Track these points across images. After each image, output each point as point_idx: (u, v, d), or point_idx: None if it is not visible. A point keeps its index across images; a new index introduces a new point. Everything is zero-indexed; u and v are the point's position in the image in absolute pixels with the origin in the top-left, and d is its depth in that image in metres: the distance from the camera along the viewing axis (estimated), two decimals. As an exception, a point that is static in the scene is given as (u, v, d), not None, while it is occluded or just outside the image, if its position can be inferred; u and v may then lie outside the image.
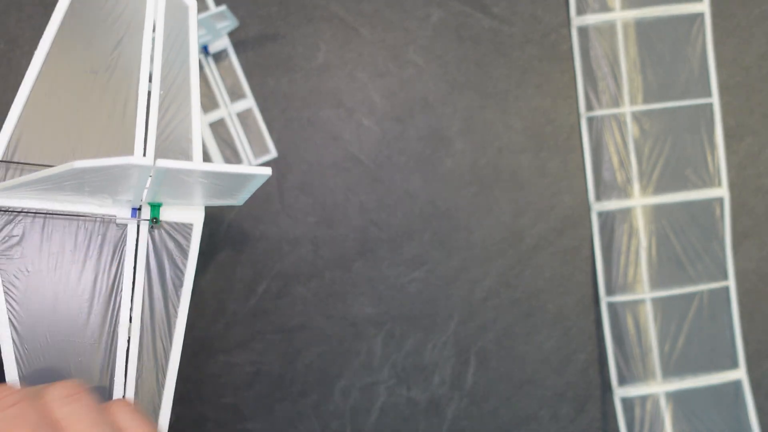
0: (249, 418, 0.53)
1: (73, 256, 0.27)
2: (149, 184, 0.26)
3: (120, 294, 0.27)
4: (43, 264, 0.26)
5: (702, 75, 0.52)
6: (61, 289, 0.27)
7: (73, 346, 0.26)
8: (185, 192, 0.27)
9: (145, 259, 0.28)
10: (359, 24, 0.52)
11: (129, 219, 0.28)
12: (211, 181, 0.25)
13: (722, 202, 0.52)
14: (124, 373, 0.26)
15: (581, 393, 0.53)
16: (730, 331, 0.52)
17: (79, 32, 0.30)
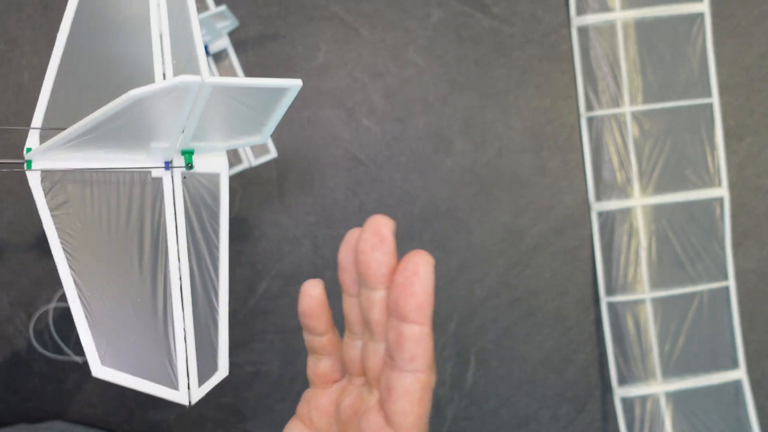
0: (249, 418, 0.53)
1: (117, 210, 0.29)
2: (187, 123, 0.27)
3: (166, 242, 0.29)
4: (92, 218, 0.28)
5: (702, 75, 0.52)
6: (112, 240, 0.28)
7: (130, 290, 0.28)
8: (218, 126, 0.28)
9: (183, 208, 0.30)
10: (359, 24, 0.52)
11: (163, 171, 0.29)
12: (246, 102, 0.27)
13: (722, 202, 0.52)
14: (182, 315, 0.28)
15: (581, 393, 0.53)
16: (730, 331, 0.52)
17: (92, 19, 0.32)
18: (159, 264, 0.29)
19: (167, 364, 0.27)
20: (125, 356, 0.27)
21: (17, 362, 0.51)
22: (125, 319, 0.28)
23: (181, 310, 0.28)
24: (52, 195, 0.28)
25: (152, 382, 0.27)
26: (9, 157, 0.28)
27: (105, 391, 0.52)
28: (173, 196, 0.29)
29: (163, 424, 0.53)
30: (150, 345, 0.28)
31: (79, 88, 0.31)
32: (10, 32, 0.52)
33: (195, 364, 0.28)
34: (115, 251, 0.28)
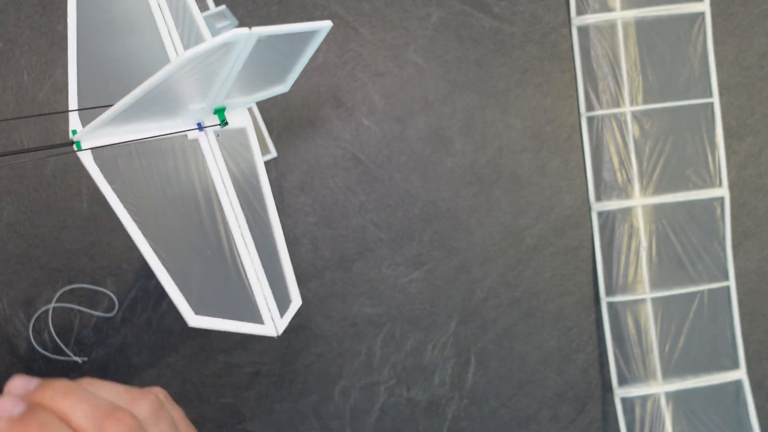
0: (249, 418, 0.53)
1: (167, 175, 0.30)
2: (226, 79, 0.28)
3: (217, 195, 0.31)
4: (146, 186, 0.30)
5: (702, 75, 0.52)
6: (169, 203, 0.30)
7: (198, 245, 0.30)
8: (248, 79, 0.30)
9: (224, 162, 0.32)
10: (359, 24, 0.52)
11: (198, 133, 0.31)
12: (281, 49, 0.29)
13: (723, 202, 0.52)
14: (249, 257, 0.30)
15: (581, 393, 0.53)
16: (730, 331, 0.52)
17: (97, 8, 0.34)
18: (217, 216, 0.30)
19: (248, 303, 0.29)
20: (210, 304, 0.28)
21: (17, 362, 0.51)
22: (201, 271, 0.30)
23: (248, 253, 0.30)
24: (106, 171, 0.29)
25: (241, 322, 0.29)
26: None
27: None
28: (213, 154, 0.31)
29: (163, 424, 0.53)
30: (229, 289, 0.30)
31: (98, 70, 0.33)
32: (9, 32, 0.52)
33: (272, 298, 0.30)
34: (175, 212, 0.30)
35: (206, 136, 0.32)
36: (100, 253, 0.51)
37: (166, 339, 0.52)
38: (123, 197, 0.29)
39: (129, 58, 0.34)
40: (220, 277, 0.30)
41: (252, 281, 0.30)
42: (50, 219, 0.51)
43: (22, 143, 0.51)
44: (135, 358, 0.52)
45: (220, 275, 0.30)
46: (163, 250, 0.28)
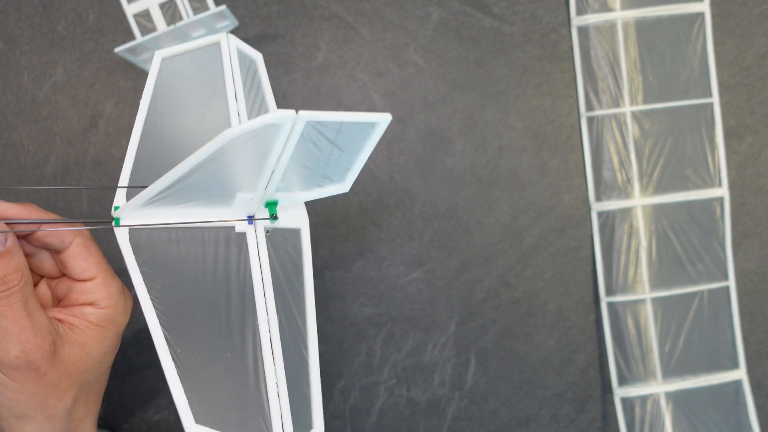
0: (249, 418, 0.53)
1: (204, 266, 0.29)
2: (276, 166, 0.27)
3: (253, 297, 0.29)
4: (179, 275, 0.28)
5: (702, 75, 0.52)
6: (198, 296, 0.28)
7: (220, 346, 0.28)
8: (302, 173, 0.29)
9: (268, 262, 0.30)
10: (359, 24, 0.52)
11: (246, 225, 0.30)
12: (333, 141, 0.27)
13: (722, 202, 0.52)
14: (274, 371, 0.28)
15: (581, 393, 0.53)
16: (730, 331, 0.52)
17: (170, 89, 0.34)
18: (247, 319, 0.28)
19: (261, 421, 0.27)
20: (218, 414, 0.26)
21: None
22: (216, 375, 0.27)
23: (273, 367, 0.28)
24: (140, 252, 0.28)
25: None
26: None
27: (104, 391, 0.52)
28: (258, 250, 0.29)
29: (163, 424, 0.53)
30: (242, 402, 0.27)
31: (158, 152, 0.32)
32: (9, 32, 0.52)
33: (290, 423, 0.27)
34: (202, 307, 0.28)
35: (254, 231, 0.30)
36: (100, 253, 0.51)
37: (166, 339, 0.52)
38: (151, 282, 0.27)
39: (195, 142, 0.32)
40: (235, 387, 0.27)
41: (271, 399, 0.27)
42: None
43: (21, 143, 0.51)
44: (135, 358, 0.52)
45: (236, 385, 0.27)
46: (180, 344, 0.27)
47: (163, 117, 0.33)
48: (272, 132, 0.24)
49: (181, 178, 0.26)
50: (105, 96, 0.52)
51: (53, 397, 0.29)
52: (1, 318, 0.27)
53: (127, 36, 0.52)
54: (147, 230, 0.28)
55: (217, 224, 0.29)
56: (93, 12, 0.52)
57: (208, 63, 0.34)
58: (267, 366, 0.27)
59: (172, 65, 0.34)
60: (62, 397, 0.29)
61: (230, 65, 0.33)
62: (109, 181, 0.52)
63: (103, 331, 0.31)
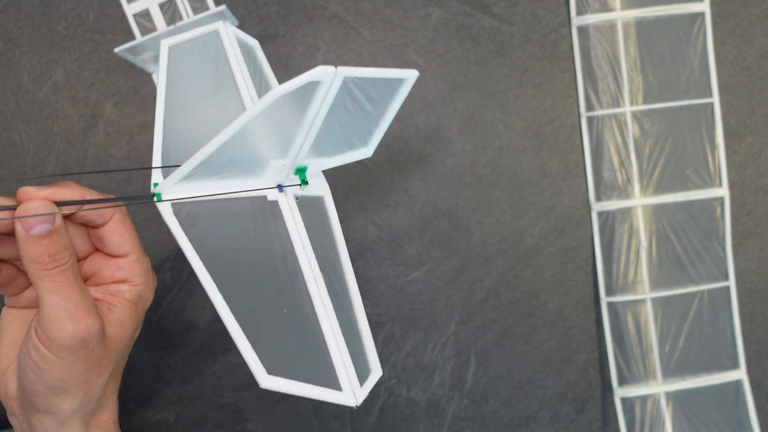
0: (249, 418, 0.53)
1: (245, 233, 0.30)
2: (310, 127, 0.28)
3: (295, 257, 0.30)
4: (224, 242, 0.29)
5: (702, 75, 0.52)
6: (245, 262, 0.29)
7: (274, 304, 0.29)
8: (331, 136, 0.30)
9: (303, 226, 0.31)
10: (359, 24, 0.52)
11: (278, 194, 0.31)
12: (366, 96, 0.28)
13: (723, 202, 0.52)
14: (330, 324, 0.29)
15: (581, 393, 0.53)
16: (730, 331, 0.52)
17: (182, 75, 0.35)
18: (294, 278, 0.30)
19: (326, 368, 0.28)
20: (284, 365, 0.27)
21: (17, 362, 0.51)
22: (275, 330, 0.28)
23: (327, 317, 0.29)
24: (184, 225, 0.29)
25: (317, 387, 0.27)
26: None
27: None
28: (292, 215, 0.31)
29: (163, 424, 0.53)
30: (305, 352, 0.28)
31: (181, 133, 0.33)
32: (9, 32, 0.52)
33: (352, 365, 0.29)
34: (250, 270, 0.29)
35: (286, 198, 0.31)
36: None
37: (166, 339, 0.52)
38: (198, 249, 0.28)
39: (211, 122, 0.34)
40: (296, 338, 0.29)
41: (331, 345, 0.29)
42: (50, 219, 0.51)
43: (21, 143, 0.51)
44: (135, 358, 0.52)
45: (296, 336, 0.29)
46: (237, 305, 0.27)
47: (179, 100, 0.34)
48: (312, 90, 0.25)
49: (220, 149, 0.27)
50: (105, 96, 0.52)
51: (95, 374, 0.30)
52: (55, 294, 0.28)
53: (127, 36, 0.52)
54: (187, 205, 0.29)
55: (251, 194, 0.31)
56: (93, 12, 0.52)
57: (209, 50, 0.35)
58: (322, 317, 0.29)
59: (178, 53, 0.35)
60: (102, 372, 0.30)
61: (233, 51, 0.35)
62: (110, 181, 0.52)
63: (136, 308, 0.32)
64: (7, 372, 0.31)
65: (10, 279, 0.31)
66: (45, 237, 0.27)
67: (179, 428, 0.53)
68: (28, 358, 0.28)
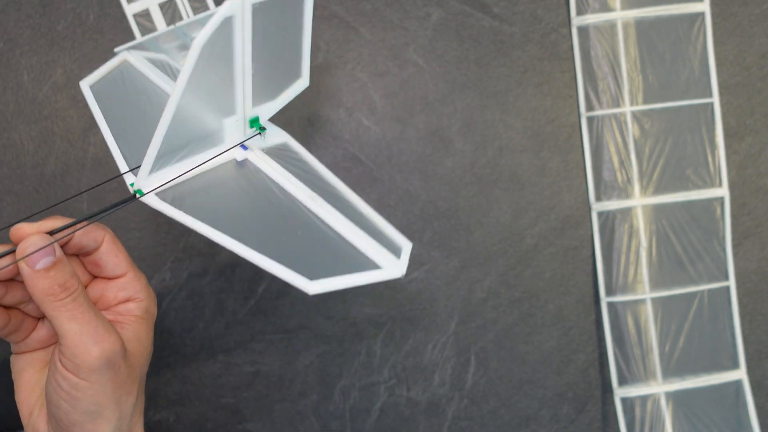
0: (249, 418, 0.53)
1: (235, 197, 0.31)
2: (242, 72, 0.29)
3: (287, 191, 0.31)
4: (219, 207, 0.30)
5: (702, 75, 0.52)
6: (246, 215, 0.30)
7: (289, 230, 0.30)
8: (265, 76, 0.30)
9: (280, 166, 0.32)
10: (359, 24, 0.52)
11: (245, 152, 0.32)
12: (278, 22, 0.29)
13: (723, 202, 0.52)
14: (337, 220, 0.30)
15: (581, 393, 0.53)
16: (730, 331, 0.52)
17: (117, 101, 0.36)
18: (294, 203, 0.30)
19: (357, 255, 0.29)
20: (321, 269, 0.28)
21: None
22: (298, 247, 0.29)
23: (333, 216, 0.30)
24: (173, 199, 0.30)
25: (359, 273, 0.28)
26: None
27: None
28: (265, 162, 0.32)
29: (163, 423, 0.53)
30: (334, 252, 0.29)
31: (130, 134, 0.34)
32: (9, 32, 0.52)
33: (378, 243, 0.29)
34: (252, 216, 0.30)
35: (253, 152, 0.32)
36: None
37: (166, 339, 0.52)
38: (198, 216, 0.29)
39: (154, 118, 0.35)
40: (320, 245, 0.29)
41: (351, 238, 0.29)
42: (50, 219, 0.51)
43: (21, 143, 0.51)
44: (135, 358, 0.52)
45: (320, 243, 0.30)
46: (257, 245, 0.28)
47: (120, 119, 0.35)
48: (228, 30, 0.26)
49: (170, 128, 0.27)
50: (105, 96, 0.52)
51: (125, 393, 0.30)
52: (74, 322, 0.28)
53: (127, 36, 0.52)
54: (170, 192, 0.30)
55: (222, 161, 0.31)
56: (93, 12, 0.52)
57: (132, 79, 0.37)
58: (330, 220, 0.30)
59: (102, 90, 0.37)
60: (131, 391, 0.31)
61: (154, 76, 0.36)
62: (110, 181, 0.52)
63: (146, 322, 0.33)
64: (33, 415, 0.32)
65: (18, 324, 0.32)
66: (51, 269, 0.28)
67: (179, 428, 0.53)
68: (59, 390, 0.29)
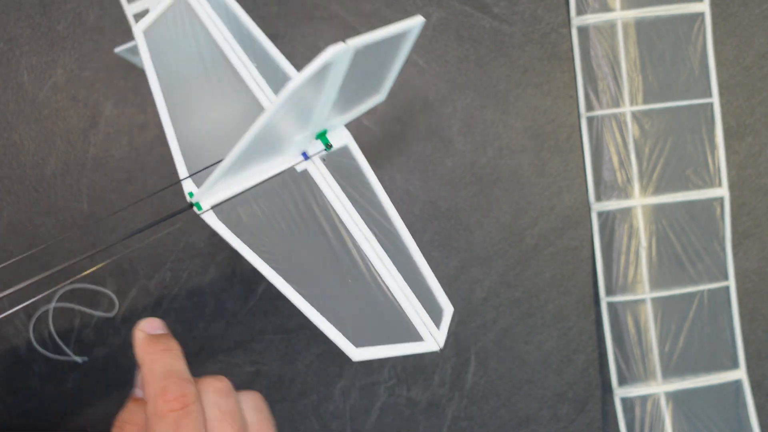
0: (249, 418, 0.53)
1: (287, 212, 0.30)
2: (325, 100, 0.28)
3: (341, 220, 0.30)
4: (270, 228, 0.29)
5: (702, 75, 0.52)
6: (297, 238, 0.30)
7: (338, 275, 0.29)
8: (345, 96, 0.29)
9: (337, 185, 0.31)
10: (359, 24, 0.52)
11: (305, 163, 0.31)
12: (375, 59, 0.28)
13: (722, 202, 0.52)
14: (392, 279, 0.29)
15: (581, 393, 0.53)
16: (730, 331, 0.52)
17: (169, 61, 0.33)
18: (347, 242, 0.30)
19: (402, 323, 0.29)
20: (365, 333, 0.28)
21: (17, 362, 0.51)
22: (348, 301, 0.29)
23: (388, 272, 0.29)
24: (230, 225, 0.29)
25: (400, 344, 0.28)
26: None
27: (105, 391, 0.52)
28: (324, 179, 0.31)
29: (163, 424, 0.53)
30: (379, 314, 0.29)
31: (191, 124, 0.32)
32: (9, 32, 0.52)
33: (425, 312, 0.29)
34: (306, 248, 0.30)
35: (314, 164, 0.31)
36: (100, 253, 0.51)
37: (166, 339, 0.52)
38: (255, 247, 0.28)
39: (218, 110, 0.33)
40: (367, 303, 0.29)
41: (400, 299, 0.29)
42: (50, 219, 0.51)
43: (21, 143, 0.51)
44: (135, 358, 0.52)
45: (367, 301, 0.29)
46: (308, 290, 0.28)
47: (177, 95, 0.33)
48: (326, 71, 0.25)
49: (249, 146, 0.26)
50: (105, 96, 0.52)
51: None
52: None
53: (127, 36, 0.52)
54: (225, 203, 0.29)
55: (280, 167, 0.30)
56: (93, 12, 0.52)
57: (185, 22, 0.34)
58: (384, 275, 0.29)
59: (155, 37, 0.33)
60: None
61: (210, 21, 0.33)
62: (110, 181, 0.51)
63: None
64: None
65: None
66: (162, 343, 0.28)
67: (179, 428, 0.53)
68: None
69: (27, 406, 0.52)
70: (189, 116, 0.32)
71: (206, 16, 0.33)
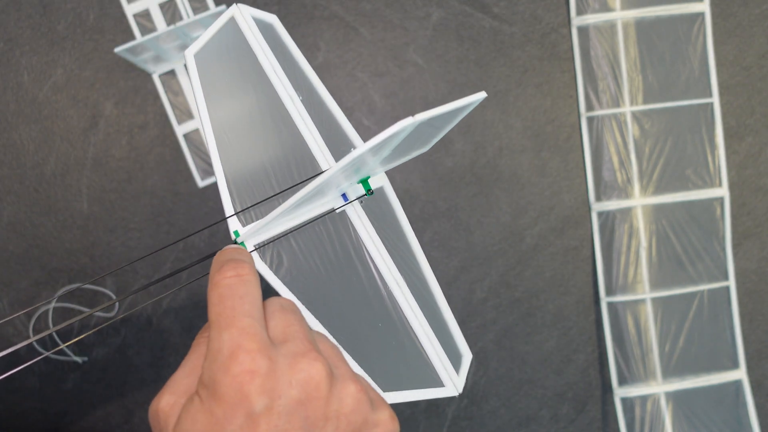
0: (249, 418, 0.53)
1: (324, 251, 0.31)
2: (378, 158, 0.29)
3: (374, 261, 0.31)
4: (309, 268, 0.30)
5: (702, 75, 0.52)
6: (333, 280, 0.30)
7: (370, 318, 0.30)
8: (401, 150, 0.30)
9: (375, 231, 0.32)
10: (359, 24, 0.52)
11: (344, 204, 0.32)
12: (435, 125, 0.29)
13: (723, 202, 0.52)
14: (420, 325, 0.30)
15: (581, 393, 0.53)
16: (730, 331, 0.52)
17: (219, 89, 0.34)
18: (379, 285, 0.31)
19: (425, 368, 0.30)
20: (391, 378, 0.29)
21: (17, 362, 0.51)
22: (376, 345, 0.30)
23: (416, 318, 0.30)
24: (272, 266, 0.30)
25: (421, 389, 0.29)
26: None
27: (105, 391, 0.52)
28: (361, 222, 0.32)
29: (163, 424, 0.53)
30: (405, 358, 0.30)
31: (237, 152, 0.32)
32: (9, 32, 0.52)
33: (447, 358, 0.30)
34: (340, 290, 0.30)
35: (353, 207, 0.32)
36: (100, 253, 0.51)
37: (166, 339, 0.52)
38: (294, 287, 0.29)
39: (261, 142, 0.33)
40: (394, 348, 0.30)
41: (425, 345, 0.30)
42: (50, 219, 0.51)
43: (21, 143, 0.51)
44: (135, 358, 0.52)
45: (394, 345, 0.30)
46: (342, 336, 0.28)
47: (223, 115, 0.33)
48: (392, 138, 0.25)
49: (299, 202, 0.27)
50: (105, 96, 0.52)
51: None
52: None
53: (127, 36, 0.52)
54: (265, 234, 0.30)
55: (320, 209, 0.31)
56: (93, 12, 0.52)
57: (231, 40, 0.34)
58: (412, 321, 0.30)
59: (204, 59, 0.33)
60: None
61: (258, 45, 0.33)
62: (110, 181, 0.51)
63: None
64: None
65: None
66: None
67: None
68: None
69: (27, 405, 0.52)
70: (232, 146, 0.33)
71: (255, 41, 0.33)
